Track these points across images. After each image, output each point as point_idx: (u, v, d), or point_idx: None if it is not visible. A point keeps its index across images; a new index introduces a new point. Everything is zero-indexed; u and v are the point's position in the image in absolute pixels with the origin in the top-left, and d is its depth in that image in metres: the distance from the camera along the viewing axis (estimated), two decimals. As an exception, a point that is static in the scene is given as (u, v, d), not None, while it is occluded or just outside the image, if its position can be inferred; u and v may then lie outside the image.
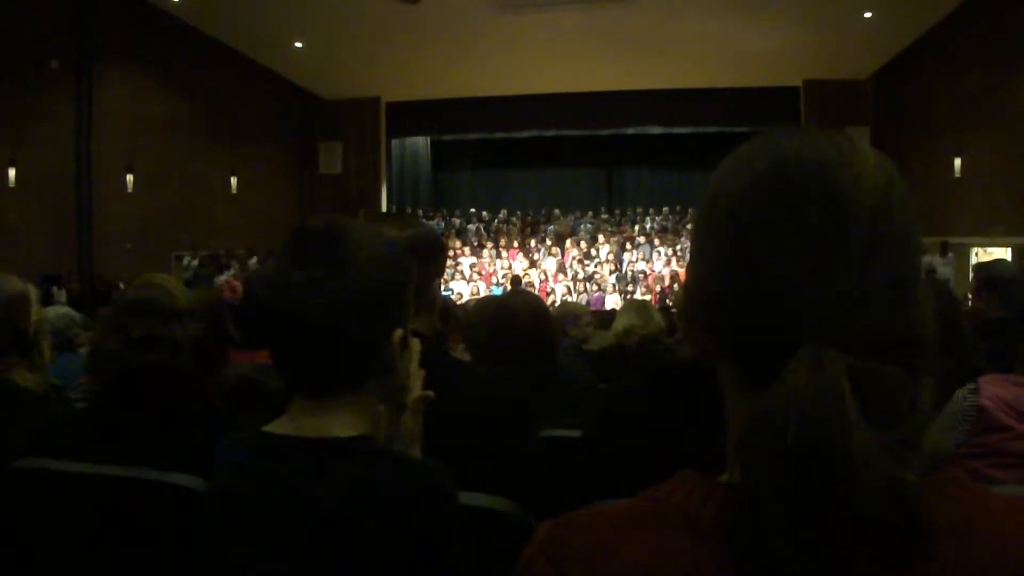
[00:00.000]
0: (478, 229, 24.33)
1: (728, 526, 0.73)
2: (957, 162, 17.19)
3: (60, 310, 5.28)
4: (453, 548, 1.36)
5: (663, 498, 0.81)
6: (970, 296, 4.38)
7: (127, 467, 2.03)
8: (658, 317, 5.06)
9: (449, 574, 1.34)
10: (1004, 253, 16.25)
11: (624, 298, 18.94)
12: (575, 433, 2.39)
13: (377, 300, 1.43)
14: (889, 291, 0.78)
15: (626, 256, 22.32)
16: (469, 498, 1.73)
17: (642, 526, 0.79)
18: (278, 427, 1.44)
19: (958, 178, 17.10)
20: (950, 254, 16.57)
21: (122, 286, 14.24)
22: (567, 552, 0.79)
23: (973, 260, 16.85)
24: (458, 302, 15.52)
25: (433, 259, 2.17)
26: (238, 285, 3.59)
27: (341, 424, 1.42)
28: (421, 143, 26.36)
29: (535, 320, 3.07)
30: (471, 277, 21.45)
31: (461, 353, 3.28)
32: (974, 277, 4.40)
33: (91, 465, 2.06)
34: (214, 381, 2.63)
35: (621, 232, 23.66)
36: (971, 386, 2.52)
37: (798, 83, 21.20)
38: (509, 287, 18.37)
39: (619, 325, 5.02)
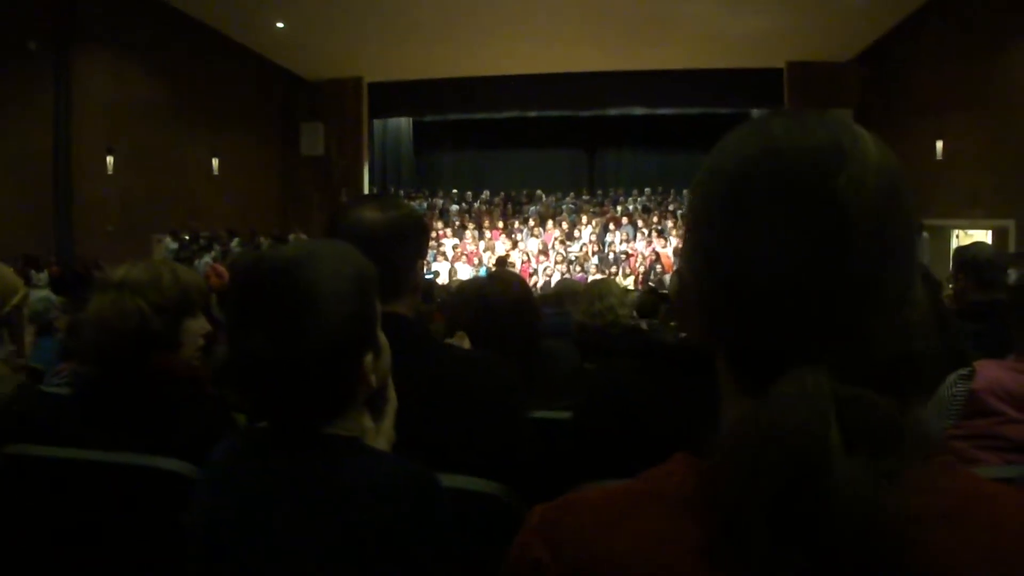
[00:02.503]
0: (460, 210, 24.31)
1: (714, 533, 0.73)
2: (939, 145, 17.23)
3: (40, 294, 5.26)
4: (439, 546, 1.35)
5: (660, 480, 0.81)
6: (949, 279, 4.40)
7: (116, 453, 2.01)
8: (610, 301, 4.97)
9: (433, 569, 1.34)
10: (985, 236, 16.32)
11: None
12: (564, 415, 2.39)
13: (347, 341, 1.38)
14: (889, 305, 0.77)
15: (608, 237, 22.33)
16: (457, 481, 1.73)
17: (639, 508, 0.78)
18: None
19: (940, 161, 17.16)
20: (924, 234, 16.56)
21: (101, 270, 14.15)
22: (564, 534, 0.79)
23: (954, 243, 16.95)
24: (440, 283, 15.53)
25: (416, 241, 2.15)
26: (223, 271, 3.58)
27: (330, 428, 1.40)
28: (403, 124, 26.32)
29: (516, 302, 3.06)
30: (453, 258, 21.41)
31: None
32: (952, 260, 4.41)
33: (78, 451, 2.04)
34: (205, 362, 2.62)
35: (603, 213, 23.67)
36: (962, 372, 2.52)
37: (781, 65, 21.23)
38: (494, 268, 18.35)
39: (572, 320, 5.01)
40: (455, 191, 25.33)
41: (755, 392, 0.75)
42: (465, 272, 20.14)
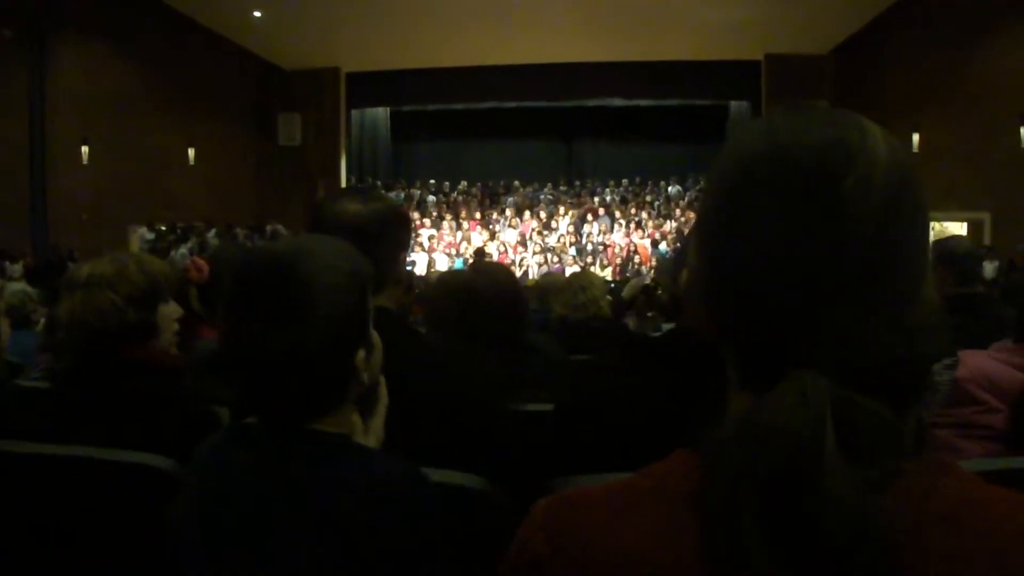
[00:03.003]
0: (437, 200, 24.30)
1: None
2: (915, 138, 17.35)
3: (15, 286, 5.21)
4: (429, 543, 1.35)
5: (662, 476, 0.80)
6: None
7: (95, 448, 1.99)
8: (593, 293, 4.96)
9: (424, 566, 1.33)
10: (960, 228, 16.47)
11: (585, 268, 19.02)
12: (549, 407, 2.38)
13: (340, 336, 1.39)
14: (892, 306, 0.77)
15: (586, 228, 22.38)
16: (440, 475, 1.72)
17: (641, 505, 0.78)
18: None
19: (916, 153, 17.26)
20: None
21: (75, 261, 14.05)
22: (566, 531, 0.79)
23: (930, 235, 17.04)
24: (418, 274, 15.51)
25: (398, 233, 2.15)
26: (203, 264, 3.56)
27: (320, 424, 1.40)
28: (380, 114, 26.25)
29: (504, 295, 3.04)
30: (430, 249, 21.40)
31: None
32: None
33: (56, 447, 2.02)
34: (185, 356, 2.61)
35: (581, 204, 23.72)
36: (946, 361, 2.54)
37: (759, 57, 21.31)
38: (472, 260, 18.32)
39: (554, 314, 4.97)
40: (432, 182, 25.32)
41: (758, 388, 0.75)
42: (443, 263, 20.16)
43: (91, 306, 2.19)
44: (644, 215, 22.73)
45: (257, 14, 18.64)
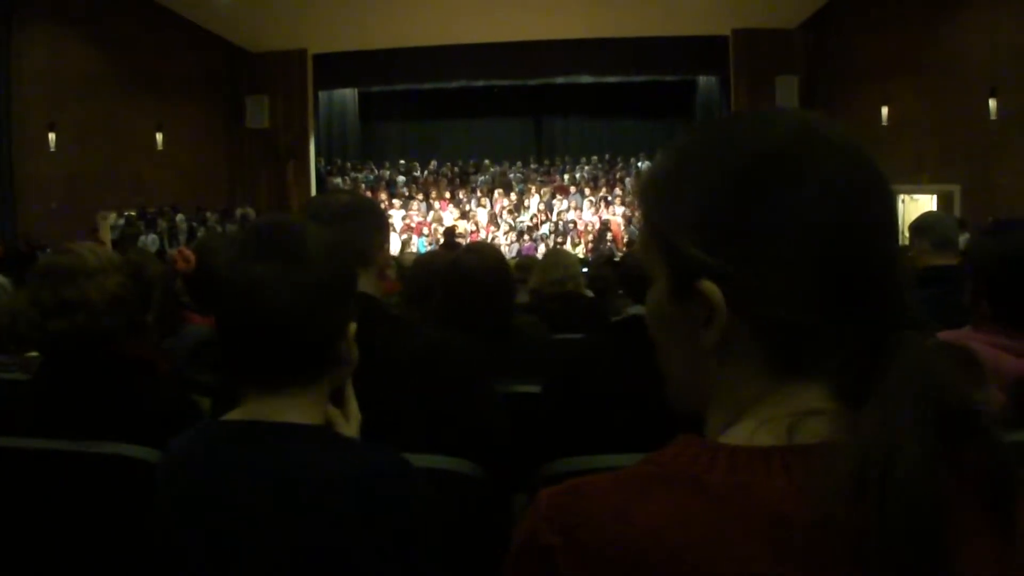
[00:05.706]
0: (407, 181, 24.22)
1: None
2: (884, 111, 17.46)
3: (-11, 276, 5.15)
4: (418, 533, 1.36)
5: (668, 462, 0.80)
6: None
7: (73, 441, 1.98)
8: (565, 271, 4.94)
9: (410, 559, 1.34)
10: (931, 201, 16.64)
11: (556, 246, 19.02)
12: (535, 389, 2.39)
13: (336, 290, 1.45)
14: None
15: (556, 205, 22.38)
16: (426, 460, 1.73)
17: (650, 491, 0.77)
18: (232, 416, 1.43)
19: (885, 126, 17.37)
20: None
21: (48, 250, 13.94)
22: (575, 519, 0.78)
23: (900, 208, 17.19)
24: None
25: (378, 220, 2.19)
26: (190, 254, 3.54)
27: (297, 415, 1.41)
28: (349, 95, 26.04)
29: (495, 277, 3.01)
30: (402, 230, 21.34)
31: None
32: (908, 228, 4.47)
33: (34, 440, 2.01)
34: (170, 344, 2.60)
35: (551, 182, 23.71)
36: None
37: (727, 32, 21.28)
38: (442, 240, 18.31)
39: (524, 296, 4.95)
40: (402, 162, 25.21)
41: (807, 370, 0.80)
42: (416, 244, 20.11)
43: (98, 295, 2.15)
44: (617, 192, 22.75)
45: (223, -4, 18.46)
